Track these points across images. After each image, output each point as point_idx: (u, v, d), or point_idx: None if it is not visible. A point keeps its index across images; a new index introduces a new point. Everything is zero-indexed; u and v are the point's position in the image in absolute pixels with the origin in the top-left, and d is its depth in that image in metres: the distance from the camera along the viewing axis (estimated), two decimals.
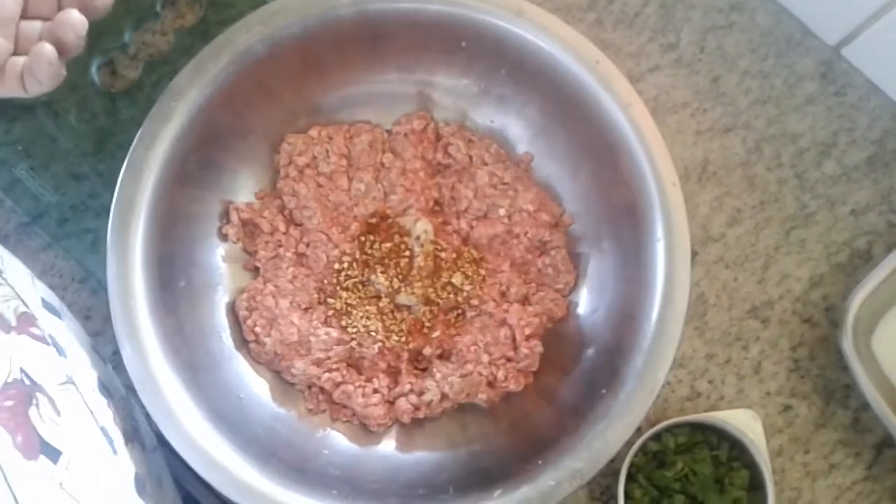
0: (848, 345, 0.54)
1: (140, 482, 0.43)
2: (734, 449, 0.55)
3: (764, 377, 0.58)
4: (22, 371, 0.37)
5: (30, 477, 0.34)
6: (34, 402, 0.37)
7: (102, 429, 0.41)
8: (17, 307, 0.41)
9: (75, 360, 0.43)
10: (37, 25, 0.45)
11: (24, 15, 0.45)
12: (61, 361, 0.41)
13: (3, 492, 0.33)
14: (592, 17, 0.62)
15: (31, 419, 0.36)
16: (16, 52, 0.44)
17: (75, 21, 0.43)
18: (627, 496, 0.53)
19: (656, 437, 0.54)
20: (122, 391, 0.48)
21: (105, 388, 0.45)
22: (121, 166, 0.51)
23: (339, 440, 0.54)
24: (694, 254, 0.58)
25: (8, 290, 0.41)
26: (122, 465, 0.42)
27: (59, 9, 0.44)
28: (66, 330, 0.44)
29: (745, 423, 0.54)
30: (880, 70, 0.60)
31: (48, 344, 0.41)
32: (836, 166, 0.61)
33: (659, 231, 0.50)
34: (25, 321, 0.40)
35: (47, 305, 0.44)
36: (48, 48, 0.43)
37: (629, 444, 0.50)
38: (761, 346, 0.58)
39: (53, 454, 0.36)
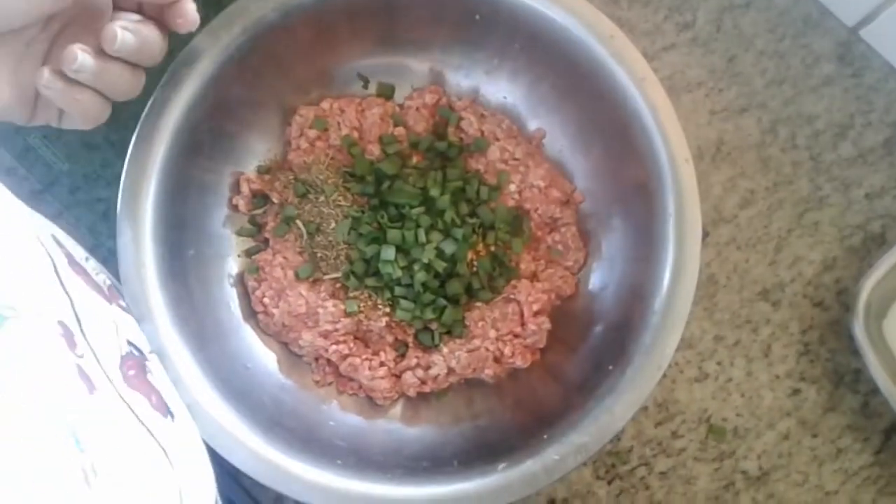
0: (859, 329, 0.54)
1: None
2: None
3: (773, 360, 0.58)
4: (129, 343, 0.39)
5: (170, 433, 0.36)
6: (147, 369, 0.39)
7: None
8: (104, 280, 0.42)
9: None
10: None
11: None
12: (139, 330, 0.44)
13: (154, 449, 0.35)
14: None
15: (151, 383, 0.38)
16: None
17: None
18: None
19: None
20: None
21: None
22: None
23: (344, 412, 0.54)
24: (705, 234, 0.58)
25: (96, 263, 0.43)
26: (193, 425, 0.44)
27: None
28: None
29: None
30: None
31: (131, 315, 0.43)
32: (852, 148, 0.60)
33: (670, 207, 0.50)
34: (114, 294, 0.42)
35: (112, 281, 0.46)
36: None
37: None
38: (771, 329, 0.58)
39: (170, 414, 0.39)
